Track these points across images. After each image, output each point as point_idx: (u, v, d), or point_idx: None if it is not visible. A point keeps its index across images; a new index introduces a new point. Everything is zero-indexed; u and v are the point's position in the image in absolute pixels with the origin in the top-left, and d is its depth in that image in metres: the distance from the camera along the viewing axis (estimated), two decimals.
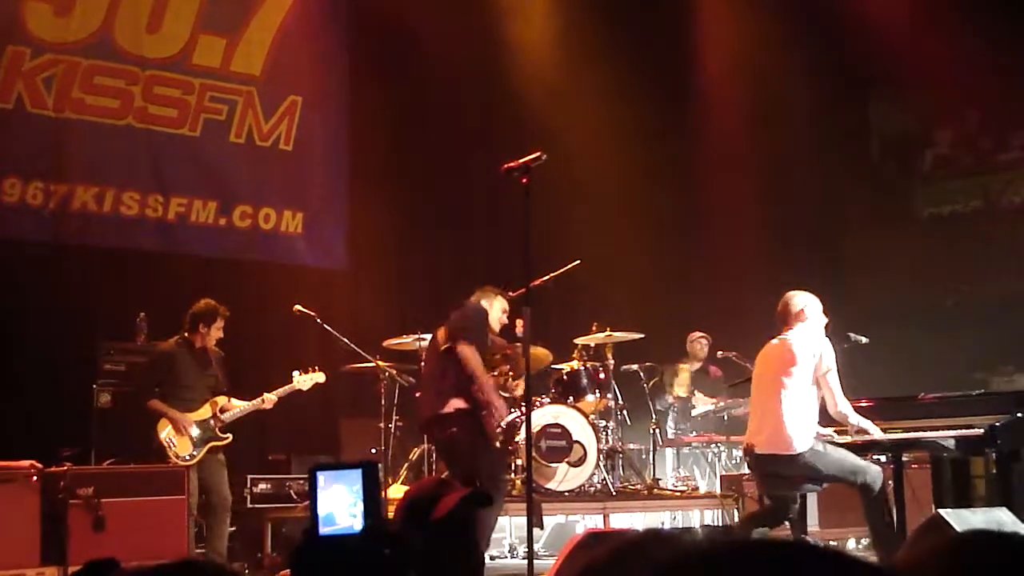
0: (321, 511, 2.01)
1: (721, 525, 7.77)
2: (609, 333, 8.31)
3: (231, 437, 7.04)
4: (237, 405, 7.10)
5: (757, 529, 5.88)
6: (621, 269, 10.02)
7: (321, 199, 10.08)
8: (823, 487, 5.98)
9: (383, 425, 7.68)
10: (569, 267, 7.70)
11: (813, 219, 11.31)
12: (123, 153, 9.03)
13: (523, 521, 6.29)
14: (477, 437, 6.23)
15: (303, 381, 7.24)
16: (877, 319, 9.10)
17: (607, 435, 8.24)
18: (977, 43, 9.82)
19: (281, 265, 9.63)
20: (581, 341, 8.45)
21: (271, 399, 7.15)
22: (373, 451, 7.74)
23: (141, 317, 7.81)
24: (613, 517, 7.76)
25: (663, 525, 8.02)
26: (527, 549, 4.92)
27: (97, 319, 8.04)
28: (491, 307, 6.47)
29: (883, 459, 6.07)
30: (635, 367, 8.93)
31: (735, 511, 7.77)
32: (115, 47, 9.03)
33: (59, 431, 7.32)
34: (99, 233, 8.87)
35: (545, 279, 7.35)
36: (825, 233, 11.50)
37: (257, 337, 8.60)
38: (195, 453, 6.87)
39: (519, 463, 7.47)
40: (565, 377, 8.30)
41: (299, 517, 7.21)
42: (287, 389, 7.20)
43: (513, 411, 7.50)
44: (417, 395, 7.05)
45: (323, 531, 2.00)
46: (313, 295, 8.31)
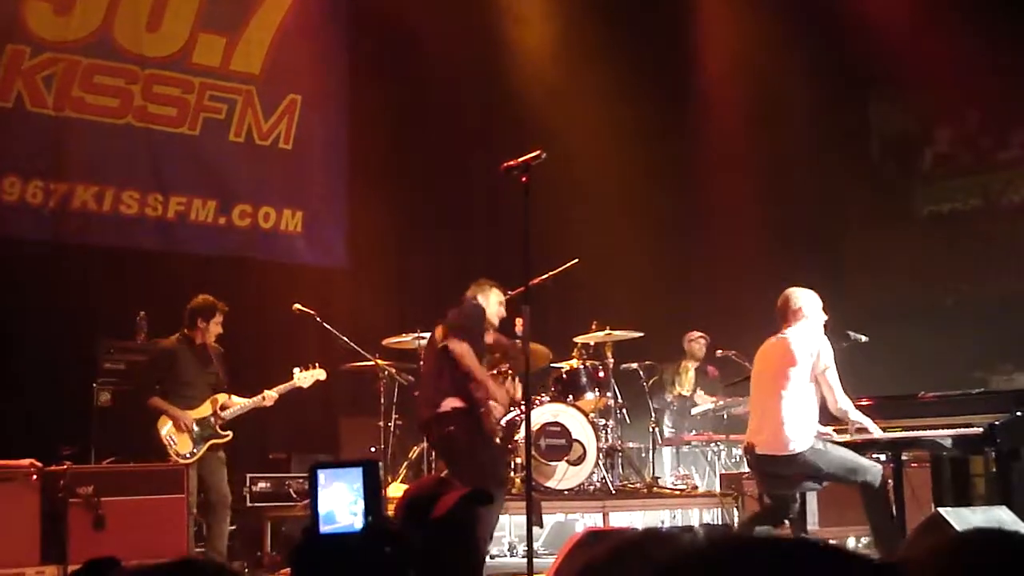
0: (321, 509, 2.01)
1: (721, 524, 7.77)
2: (609, 332, 8.31)
3: (231, 434, 7.04)
4: (238, 402, 7.11)
5: (759, 528, 5.88)
6: (621, 268, 10.02)
7: (321, 198, 10.08)
8: (823, 485, 5.98)
9: (383, 424, 7.69)
10: (568, 266, 7.70)
11: (813, 219, 11.30)
12: (123, 152, 9.03)
13: (522, 519, 6.30)
14: (475, 435, 6.21)
15: (304, 378, 7.24)
16: (877, 318, 9.09)
17: (606, 434, 8.24)
18: (977, 43, 9.81)
19: (281, 264, 9.63)
20: (581, 340, 8.45)
21: (272, 396, 7.15)
22: (373, 450, 7.74)
23: (141, 316, 7.81)
24: (612, 516, 7.76)
25: (662, 524, 8.02)
26: (526, 547, 4.92)
27: (97, 318, 8.04)
28: (487, 301, 6.43)
29: (883, 458, 6.06)
30: (635, 366, 8.94)
31: (734, 510, 7.77)
32: (115, 46, 9.03)
33: (59, 430, 7.31)
34: (99, 232, 8.87)
35: (544, 278, 7.35)
36: (825, 233, 11.49)
37: (257, 336, 8.60)
38: (196, 451, 6.87)
39: (519, 462, 7.46)
40: (564, 376, 8.30)
41: (299, 516, 7.22)
42: (288, 386, 7.20)
43: (512, 409, 7.50)
44: (416, 394, 7.04)
45: (323, 529, 2.00)
46: (313, 294, 8.32)
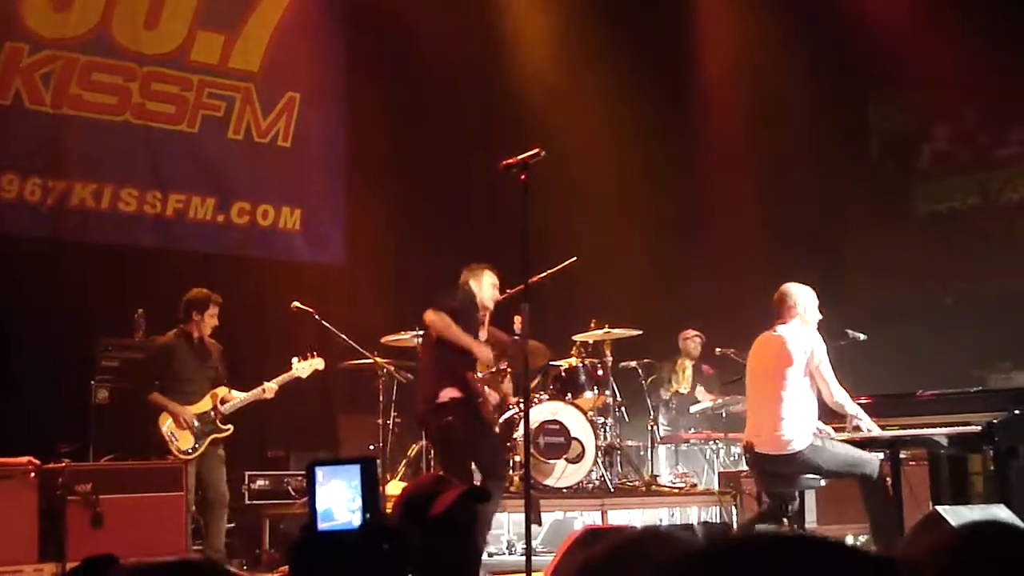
0: (319, 507, 2.00)
1: (719, 522, 7.77)
2: (607, 330, 8.32)
3: (232, 428, 7.04)
4: (237, 396, 7.11)
5: (760, 527, 5.88)
6: (620, 267, 10.02)
7: (319, 195, 10.07)
8: (823, 483, 5.99)
9: (381, 421, 7.69)
10: (567, 264, 7.69)
11: (813, 219, 11.30)
12: (121, 149, 9.02)
13: (521, 517, 6.28)
14: (473, 424, 6.18)
15: (302, 368, 7.23)
16: (876, 317, 9.10)
17: (605, 432, 8.24)
18: (975, 42, 9.81)
19: (279, 261, 9.63)
20: (579, 338, 8.46)
21: (272, 388, 7.14)
22: (371, 447, 7.74)
23: (139, 313, 7.81)
24: (611, 514, 7.75)
25: (661, 522, 8.02)
26: (525, 545, 4.92)
27: (95, 315, 8.03)
28: (480, 284, 6.35)
29: (881, 456, 6.06)
30: (633, 364, 8.94)
31: (733, 508, 7.77)
32: (113, 43, 9.02)
33: (57, 427, 7.30)
34: (97, 229, 8.86)
35: (543, 276, 7.34)
36: (825, 233, 11.49)
37: (255, 333, 8.60)
38: (197, 446, 6.87)
39: (517, 459, 7.46)
40: (563, 373, 8.30)
41: (297, 513, 7.21)
42: (287, 376, 7.20)
43: (511, 408, 7.49)
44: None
45: (321, 527, 1.99)
46: (311, 291, 8.32)
